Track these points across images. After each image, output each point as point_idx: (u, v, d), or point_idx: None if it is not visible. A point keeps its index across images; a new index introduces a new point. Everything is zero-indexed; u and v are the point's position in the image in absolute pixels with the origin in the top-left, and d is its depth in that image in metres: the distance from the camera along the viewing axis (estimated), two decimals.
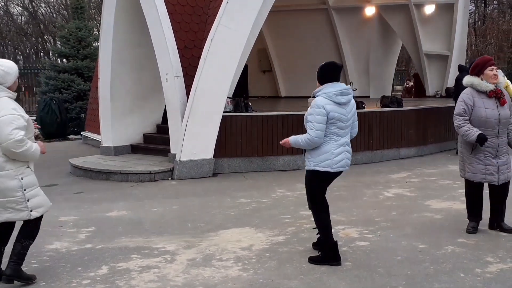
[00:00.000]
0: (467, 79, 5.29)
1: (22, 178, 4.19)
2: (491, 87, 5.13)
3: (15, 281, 4.27)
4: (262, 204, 6.99)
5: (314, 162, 4.50)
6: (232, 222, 6.11)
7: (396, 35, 17.04)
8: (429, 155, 10.97)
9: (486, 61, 5.23)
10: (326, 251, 4.58)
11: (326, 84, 4.51)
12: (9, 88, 4.24)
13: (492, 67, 5.15)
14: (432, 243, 5.07)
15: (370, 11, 16.51)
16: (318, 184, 4.60)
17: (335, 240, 4.62)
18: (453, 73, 14.43)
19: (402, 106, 10.96)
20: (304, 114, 4.62)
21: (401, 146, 10.59)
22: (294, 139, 4.60)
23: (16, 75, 4.27)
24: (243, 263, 4.70)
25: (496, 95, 5.14)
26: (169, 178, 8.97)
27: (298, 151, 9.57)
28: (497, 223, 5.40)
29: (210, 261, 4.78)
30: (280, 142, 4.77)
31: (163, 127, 10.72)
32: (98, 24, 26.36)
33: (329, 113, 4.40)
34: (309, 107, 4.57)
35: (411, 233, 5.46)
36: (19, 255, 4.27)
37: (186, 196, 7.65)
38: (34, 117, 17.70)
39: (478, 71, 5.23)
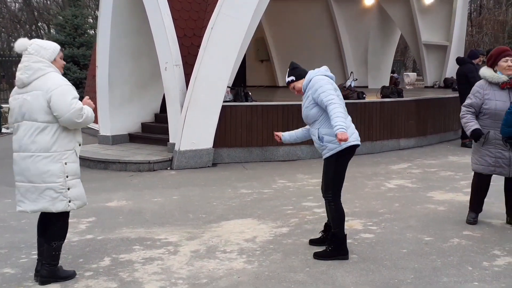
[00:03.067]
0: (481, 71, 5.20)
1: (66, 163, 3.85)
2: (504, 78, 5.00)
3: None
4: (263, 195, 6.92)
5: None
6: (234, 213, 6.05)
7: (395, 25, 16.91)
8: (429, 146, 10.93)
9: (501, 52, 5.09)
10: (338, 245, 4.47)
11: (310, 71, 4.52)
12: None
13: (507, 58, 5.00)
14: (438, 236, 5.03)
15: (369, 1, 16.33)
16: (345, 164, 4.44)
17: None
18: (452, 63, 14.34)
19: (403, 97, 10.88)
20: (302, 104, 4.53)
21: (400, 136, 10.53)
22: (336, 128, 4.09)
23: (54, 52, 3.94)
24: (247, 255, 4.64)
25: (510, 87, 5.01)
26: (168, 168, 8.88)
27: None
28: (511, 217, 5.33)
29: (214, 253, 4.72)
30: (276, 135, 4.71)
31: (161, 116, 10.61)
32: (93, 12, 26.06)
33: (332, 83, 4.37)
34: (305, 97, 4.46)
35: (415, 225, 5.42)
36: (52, 257, 4.02)
37: (186, 186, 7.57)
38: None
39: (492, 62, 5.12)
